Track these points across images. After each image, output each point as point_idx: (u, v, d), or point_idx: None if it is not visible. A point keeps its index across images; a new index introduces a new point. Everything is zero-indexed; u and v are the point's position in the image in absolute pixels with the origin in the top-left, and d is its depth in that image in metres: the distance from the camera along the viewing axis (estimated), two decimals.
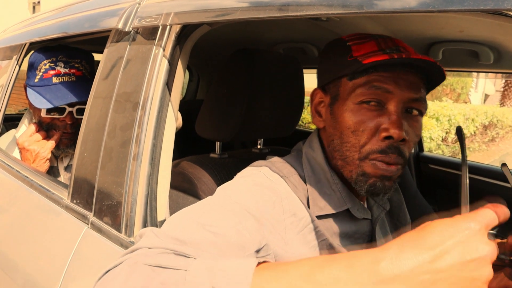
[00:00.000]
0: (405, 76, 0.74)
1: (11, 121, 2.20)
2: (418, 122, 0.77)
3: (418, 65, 0.73)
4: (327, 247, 0.79)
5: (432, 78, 0.78)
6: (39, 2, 12.15)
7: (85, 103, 1.42)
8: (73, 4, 1.34)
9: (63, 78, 1.44)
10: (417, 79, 0.75)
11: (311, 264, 0.47)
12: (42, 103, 1.40)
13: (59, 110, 1.44)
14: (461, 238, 0.44)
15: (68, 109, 1.43)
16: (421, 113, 0.78)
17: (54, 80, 1.43)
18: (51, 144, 1.45)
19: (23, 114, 1.66)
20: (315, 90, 0.85)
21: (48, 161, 1.47)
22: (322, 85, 0.83)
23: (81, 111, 1.45)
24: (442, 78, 0.78)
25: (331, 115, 0.80)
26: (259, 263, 0.49)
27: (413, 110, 0.76)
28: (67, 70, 1.45)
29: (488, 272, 0.44)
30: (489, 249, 0.44)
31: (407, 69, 0.74)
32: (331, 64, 0.81)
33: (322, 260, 0.47)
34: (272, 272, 0.47)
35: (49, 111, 1.44)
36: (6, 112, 1.69)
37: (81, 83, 1.45)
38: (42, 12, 1.68)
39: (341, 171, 0.79)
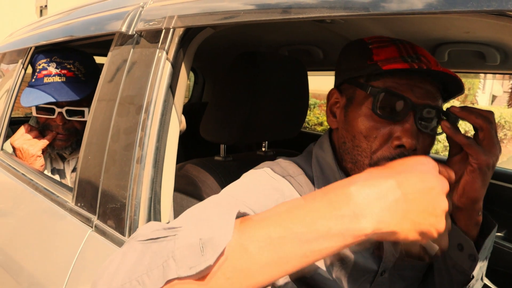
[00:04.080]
0: (421, 85, 0.72)
1: (18, 124, 2.22)
2: None
3: (436, 74, 0.72)
4: None
5: (449, 89, 0.77)
6: (46, 6, 12.26)
7: (76, 104, 1.43)
8: (78, 8, 1.35)
9: (53, 79, 1.45)
10: (434, 88, 0.74)
11: (289, 205, 0.50)
12: (27, 102, 1.42)
13: (49, 110, 1.45)
14: (420, 169, 0.52)
15: (57, 109, 1.44)
16: None
17: (45, 80, 1.45)
18: (42, 143, 1.46)
19: (30, 117, 1.67)
20: (331, 90, 0.83)
21: (40, 158, 1.47)
22: (338, 84, 0.82)
23: (71, 113, 1.46)
24: (460, 91, 0.77)
25: (345, 118, 0.79)
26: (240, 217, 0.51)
27: None
28: (58, 71, 1.45)
29: (446, 203, 0.52)
30: (442, 182, 0.53)
31: (425, 77, 0.73)
32: (349, 65, 0.80)
33: (299, 200, 0.51)
34: (253, 217, 0.50)
35: (38, 111, 1.46)
36: (13, 115, 1.70)
37: (71, 84, 1.46)
38: (48, 16, 1.69)
39: (350, 174, 0.79)
